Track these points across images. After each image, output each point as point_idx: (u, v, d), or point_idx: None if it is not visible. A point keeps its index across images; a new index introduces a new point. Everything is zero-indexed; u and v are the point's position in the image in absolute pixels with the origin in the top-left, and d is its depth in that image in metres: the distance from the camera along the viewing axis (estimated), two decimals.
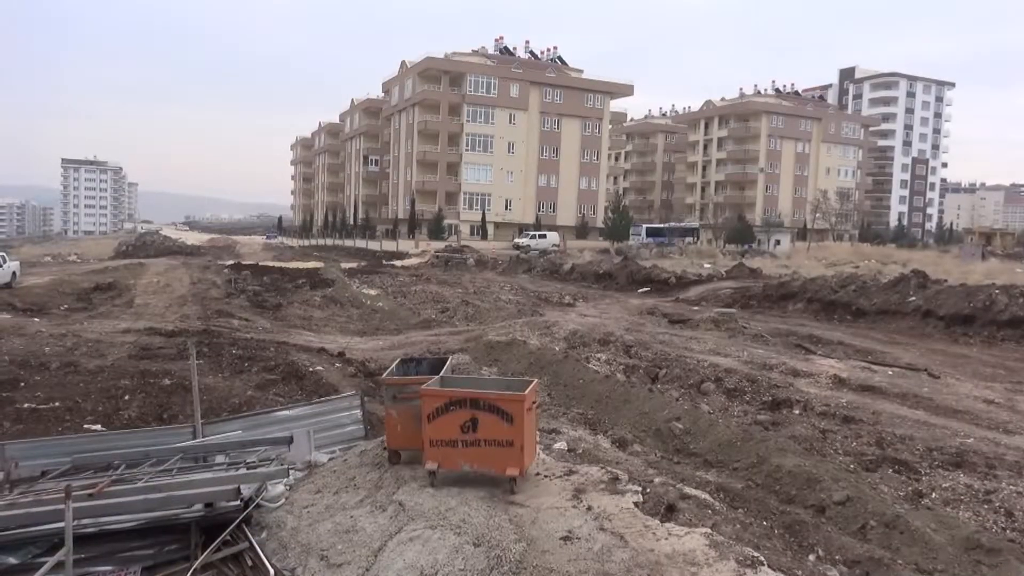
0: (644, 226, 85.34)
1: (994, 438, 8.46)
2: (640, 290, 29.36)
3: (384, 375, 7.18)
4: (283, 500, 6.24)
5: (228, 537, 5.50)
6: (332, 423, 7.91)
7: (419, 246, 61.92)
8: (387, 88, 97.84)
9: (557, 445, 7.75)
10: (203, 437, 7.25)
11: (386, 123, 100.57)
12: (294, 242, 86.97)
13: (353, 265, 41.39)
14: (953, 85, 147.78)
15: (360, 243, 70.60)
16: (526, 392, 5.87)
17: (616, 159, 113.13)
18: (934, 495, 6.79)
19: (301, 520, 5.85)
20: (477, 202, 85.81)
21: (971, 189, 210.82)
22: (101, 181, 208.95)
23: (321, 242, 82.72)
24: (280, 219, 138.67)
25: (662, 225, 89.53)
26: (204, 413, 8.13)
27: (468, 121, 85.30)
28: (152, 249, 57.94)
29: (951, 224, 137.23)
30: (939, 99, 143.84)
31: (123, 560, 5.37)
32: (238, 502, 5.61)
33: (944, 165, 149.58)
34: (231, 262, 39.99)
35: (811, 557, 5.54)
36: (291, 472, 6.66)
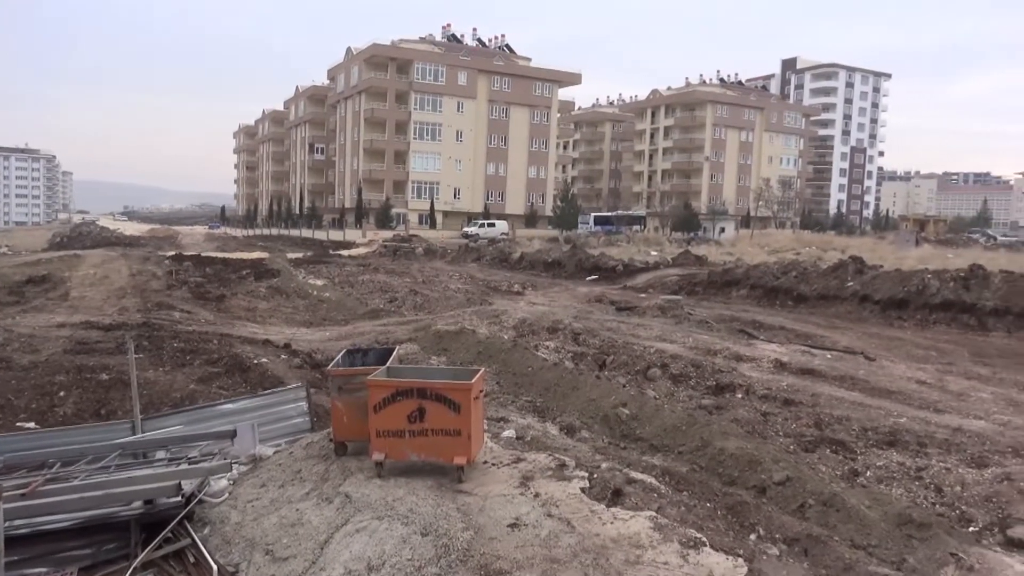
0: (592, 214, 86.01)
1: (925, 417, 8.79)
2: (588, 278, 29.61)
3: (330, 366, 7.10)
4: (227, 495, 6.13)
5: (169, 534, 5.39)
6: (277, 416, 7.79)
7: (366, 235, 61.32)
8: (332, 75, 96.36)
9: (505, 433, 7.78)
10: (143, 433, 7.07)
11: (332, 111, 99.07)
12: (238, 232, 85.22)
13: (299, 255, 40.77)
14: (889, 76, 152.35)
15: (306, 233, 69.55)
16: (473, 381, 5.88)
17: (564, 148, 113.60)
18: (869, 473, 7.02)
19: (245, 514, 5.76)
20: (425, 191, 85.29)
21: (906, 177, 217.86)
22: (33, 170, 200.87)
23: (266, 232, 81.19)
24: (223, 209, 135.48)
25: (610, 213, 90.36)
26: (144, 408, 7.94)
27: (416, 109, 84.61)
28: (88, 240, 56.07)
29: (887, 211, 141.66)
30: (876, 90, 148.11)
31: (59, 561, 5.22)
32: (179, 498, 5.49)
33: (881, 154, 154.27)
34: (172, 253, 38.97)
35: (752, 536, 5.68)
36: (235, 466, 6.55)
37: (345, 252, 45.23)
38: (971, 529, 5.93)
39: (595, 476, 6.03)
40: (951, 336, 16.17)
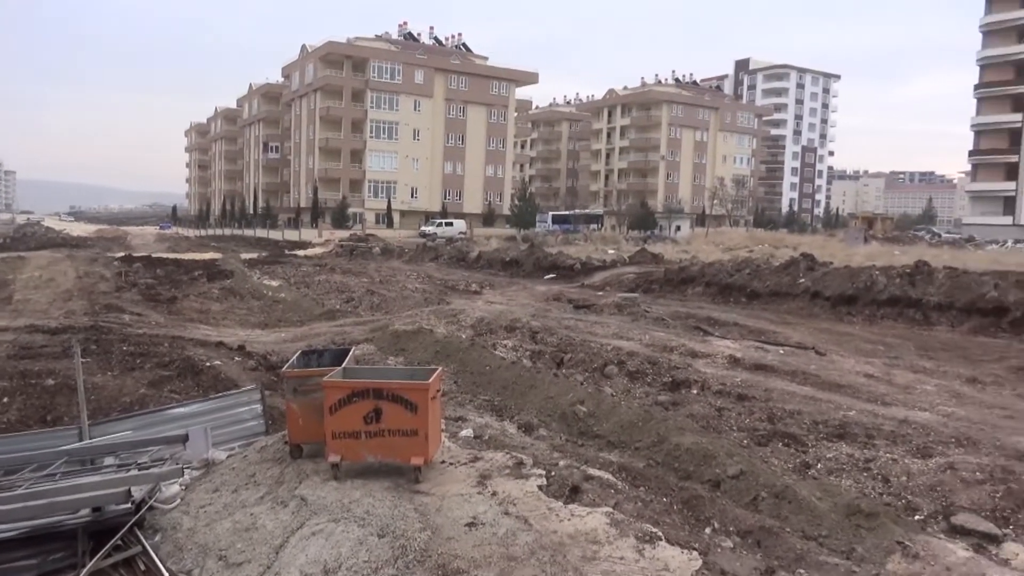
0: (550, 213, 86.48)
1: (873, 410, 9.01)
2: (546, 276, 29.72)
3: (284, 368, 7.02)
4: (178, 500, 6.02)
5: (119, 542, 5.27)
6: (231, 419, 7.67)
7: (323, 235, 60.66)
8: (287, 73, 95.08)
9: (463, 432, 7.77)
10: (90, 439, 6.89)
11: (286, 109, 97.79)
12: (190, 232, 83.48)
13: (253, 255, 40.12)
14: (839, 77, 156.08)
15: (261, 233, 68.48)
16: (430, 381, 5.86)
17: (522, 147, 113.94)
18: (819, 465, 7.18)
19: (198, 520, 5.65)
20: (382, 190, 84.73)
21: (855, 176, 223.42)
22: None
23: (219, 232, 79.73)
24: (175, 208, 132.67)
25: (567, 212, 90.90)
26: (92, 413, 7.74)
27: (372, 107, 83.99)
28: (33, 241, 54.32)
29: (837, 209, 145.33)
30: (826, 91, 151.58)
31: (4, 572, 5.07)
32: (129, 505, 5.37)
33: (831, 154, 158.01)
34: (121, 254, 38.02)
35: (707, 530, 5.77)
36: (187, 471, 6.43)
37: (301, 252, 44.67)
38: (916, 517, 6.11)
39: (553, 474, 6.07)
40: (898, 331, 16.61)
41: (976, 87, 77.84)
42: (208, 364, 11.23)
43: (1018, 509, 6.14)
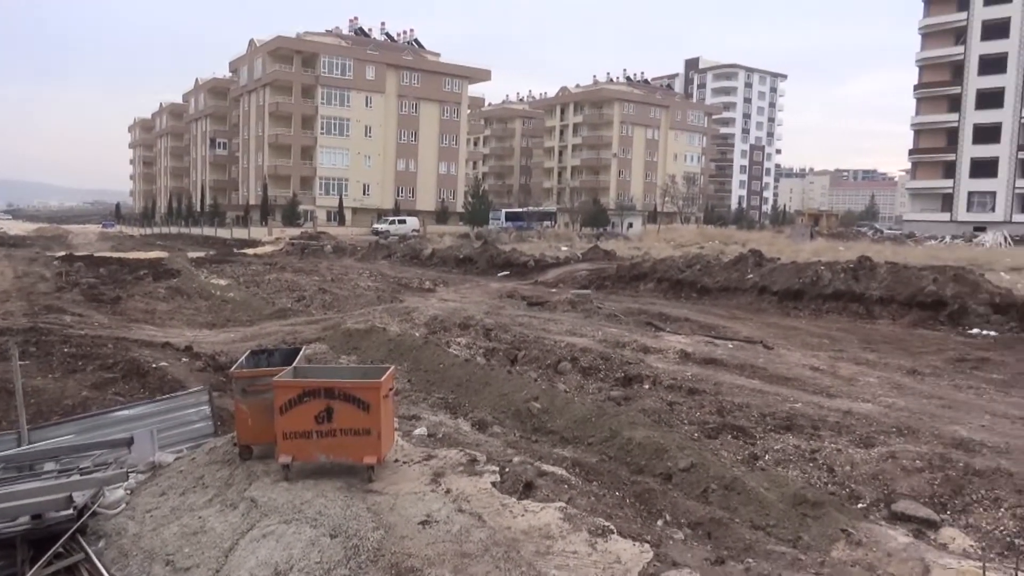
0: (503, 210, 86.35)
1: (818, 402, 9.25)
2: (500, 274, 29.75)
3: (233, 368, 6.89)
4: (123, 505, 5.87)
5: (61, 549, 5.11)
6: (178, 421, 7.50)
7: (272, 233, 59.69)
8: (235, 67, 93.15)
9: (417, 431, 7.74)
10: (30, 444, 6.67)
11: (234, 104, 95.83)
12: (135, 231, 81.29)
13: (201, 254, 39.28)
14: (785, 77, 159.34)
15: (208, 231, 67.05)
16: (382, 379, 5.82)
17: (475, 144, 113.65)
18: (767, 457, 7.34)
19: (144, 525, 5.52)
20: (334, 187, 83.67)
21: (801, 174, 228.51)
22: None
23: (165, 230, 77.83)
24: (118, 206, 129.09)
25: (521, 209, 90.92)
26: (31, 418, 7.50)
27: (323, 103, 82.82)
28: None
29: (784, 206, 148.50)
30: (773, 90, 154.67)
31: None
32: (71, 511, 5.22)
33: (778, 152, 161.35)
34: (62, 253, 36.86)
35: (659, 522, 5.86)
36: (132, 475, 6.28)
37: (250, 250, 43.88)
38: (860, 506, 6.29)
39: (507, 470, 6.08)
40: (842, 324, 17.06)
41: (915, 87, 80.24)
42: (154, 365, 10.96)
43: (955, 495, 6.37)
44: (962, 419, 8.49)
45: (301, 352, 6.87)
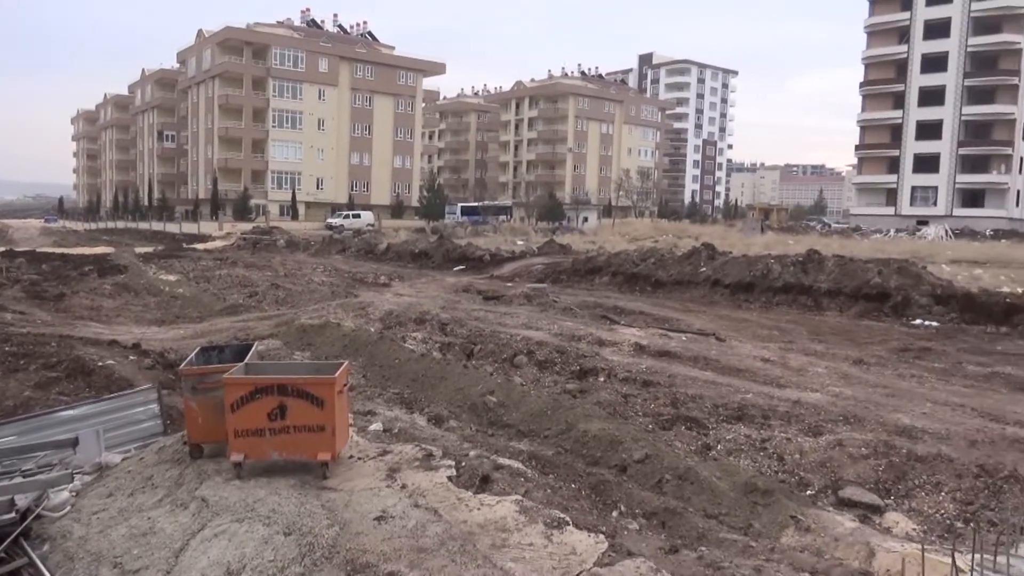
0: (459, 204, 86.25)
1: (769, 392, 9.44)
2: (455, 268, 29.67)
3: (183, 365, 6.75)
4: (69, 507, 5.70)
5: (2, 554, 4.95)
6: (125, 420, 7.31)
7: (223, 228, 58.60)
8: (183, 58, 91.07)
9: (372, 426, 7.69)
10: None
11: (183, 96, 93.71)
12: (79, 226, 79.01)
13: (149, 249, 38.37)
14: (736, 73, 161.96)
15: (157, 225, 65.44)
16: (337, 375, 5.76)
17: (430, 137, 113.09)
18: (719, 447, 7.47)
19: (91, 527, 5.38)
20: (286, 181, 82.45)
21: (752, 169, 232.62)
22: None
23: (111, 225, 75.71)
24: (61, 200, 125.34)
25: (477, 203, 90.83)
26: None
27: (274, 96, 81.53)
28: None
29: (736, 201, 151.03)
30: (725, 86, 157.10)
31: None
32: (12, 515, 5.06)
33: (730, 147, 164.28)
34: (1, 249, 35.64)
35: (614, 513, 5.92)
36: (77, 476, 6.11)
37: (200, 245, 42.97)
38: (808, 493, 6.45)
39: (463, 464, 6.08)
40: (792, 316, 17.44)
41: (861, 85, 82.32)
42: (100, 364, 10.67)
43: (898, 481, 6.57)
44: (905, 407, 8.75)
45: (253, 348, 6.76)
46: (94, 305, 18.35)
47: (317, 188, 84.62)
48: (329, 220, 66.37)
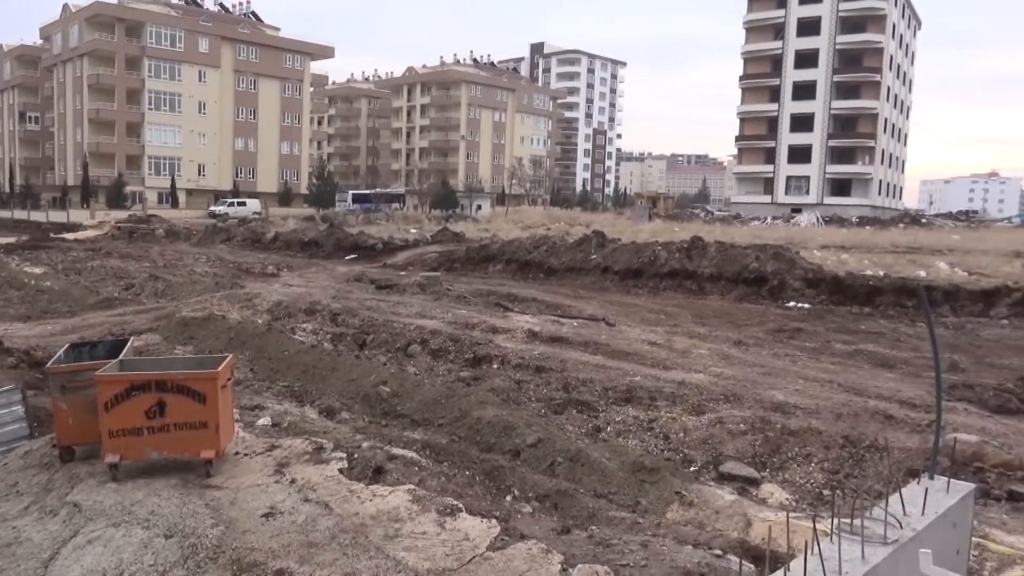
0: (350, 192, 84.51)
1: (655, 374, 9.79)
2: (347, 257, 29.12)
3: (50, 363, 6.33)
4: None
5: None
6: None
7: (96, 216, 55.11)
8: (47, 34, 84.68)
9: (260, 421, 7.46)
10: None
11: (47, 74, 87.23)
12: None
13: (11, 240, 35.62)
14: (625, 64, 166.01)
15: (20, 214, 60.76)
16: (219, 369, 5.56)
17: (319, 123, 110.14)
18: (609, 428, 7.69)
19: None
20: (165, 167, 78.33)
21: (641, 158, 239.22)
22: None
23: None
24: None
25: (368, 191, 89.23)
26: None
27: (150, 76, 77.13)
28: None
29: (625, 189, 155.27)
30: (614, 76, 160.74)
31: None
32: None
33: (619, 136, 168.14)
34: None
35: (508, 498, 6.00)
36: None
37: (70, 235, 40.28)
38: (692, 469, 6.75)
39: (355, 456, 6.00)
40: (677, 300, 18.13)
41: (740, 78, 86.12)
42: None
43: (773, 454, 6.97)
44: (780, 384, 9.28)
45: (129, 344, 6.43)
46: None
47: (199, 175, 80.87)
48: (212, 208, 63.58)
